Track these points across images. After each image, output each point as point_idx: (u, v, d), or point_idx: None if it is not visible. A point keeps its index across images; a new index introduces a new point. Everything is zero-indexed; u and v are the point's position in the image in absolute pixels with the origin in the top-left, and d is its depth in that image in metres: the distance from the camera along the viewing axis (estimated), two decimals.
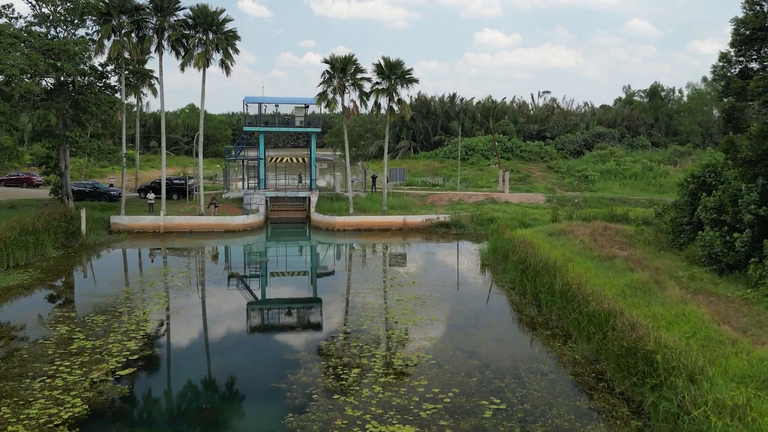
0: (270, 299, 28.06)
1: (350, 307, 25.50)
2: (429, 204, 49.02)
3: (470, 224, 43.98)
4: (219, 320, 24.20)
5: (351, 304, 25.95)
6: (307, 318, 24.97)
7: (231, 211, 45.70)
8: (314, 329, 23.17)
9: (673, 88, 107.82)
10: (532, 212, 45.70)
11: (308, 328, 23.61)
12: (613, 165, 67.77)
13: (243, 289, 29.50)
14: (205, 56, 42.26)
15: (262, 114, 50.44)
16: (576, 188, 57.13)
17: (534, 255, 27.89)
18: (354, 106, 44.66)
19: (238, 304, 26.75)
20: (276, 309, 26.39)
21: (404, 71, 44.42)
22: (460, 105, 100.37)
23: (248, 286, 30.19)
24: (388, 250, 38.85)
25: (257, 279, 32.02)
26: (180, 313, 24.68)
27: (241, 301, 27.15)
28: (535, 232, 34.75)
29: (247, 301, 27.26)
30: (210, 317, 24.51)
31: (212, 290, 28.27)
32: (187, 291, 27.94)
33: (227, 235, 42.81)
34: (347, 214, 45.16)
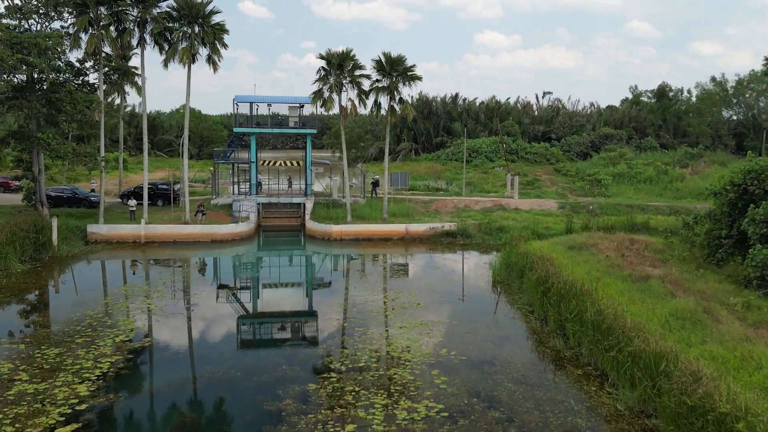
0: (258, 335, 24.44)
1: (346, 336, 21.87)
2: (433, 211, 45.41)
3: (478, 233, 40.36)
4: (193, 356, 20.60)
5: (347, 332, 22.32)
6: (296, 353, 21.32)
7: (220, 219, 42.10)
8: (303, 367, 19.54)
9: (681, 89, 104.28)
10: (545, 220, 42.09)
11: (296, 365, 19.98)
12: (624, 168, 64.16)
13: (225, 319, 25.87)
14: (189, 51, 38.68)
15: (254, 114, 46.85)
16: (588, 193, 53.54)
17: (556, 274, 24.27)
18: (352, 105, 41.07)
19: (219, 334, 23.13)
20: (263, 347, 22.76)
21: (406, 68, 40.83)
22: (462, 105, 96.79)
23: (238, 303, 26.58)
24: (388, 263, 35.23)
25: (244, 305, 28.40)
26: (148, 345, 21.05)
27: (224, 332, 23.52)
28: (552, 245, 31.13)
29: (235, 324, 23.66)
30: (179, 351, 20.90)
31: (185, 316, 24.66)
32: (160, 316, 24.30)
33: (214, 246, 39.20)
34: (345, 222, 41.57)
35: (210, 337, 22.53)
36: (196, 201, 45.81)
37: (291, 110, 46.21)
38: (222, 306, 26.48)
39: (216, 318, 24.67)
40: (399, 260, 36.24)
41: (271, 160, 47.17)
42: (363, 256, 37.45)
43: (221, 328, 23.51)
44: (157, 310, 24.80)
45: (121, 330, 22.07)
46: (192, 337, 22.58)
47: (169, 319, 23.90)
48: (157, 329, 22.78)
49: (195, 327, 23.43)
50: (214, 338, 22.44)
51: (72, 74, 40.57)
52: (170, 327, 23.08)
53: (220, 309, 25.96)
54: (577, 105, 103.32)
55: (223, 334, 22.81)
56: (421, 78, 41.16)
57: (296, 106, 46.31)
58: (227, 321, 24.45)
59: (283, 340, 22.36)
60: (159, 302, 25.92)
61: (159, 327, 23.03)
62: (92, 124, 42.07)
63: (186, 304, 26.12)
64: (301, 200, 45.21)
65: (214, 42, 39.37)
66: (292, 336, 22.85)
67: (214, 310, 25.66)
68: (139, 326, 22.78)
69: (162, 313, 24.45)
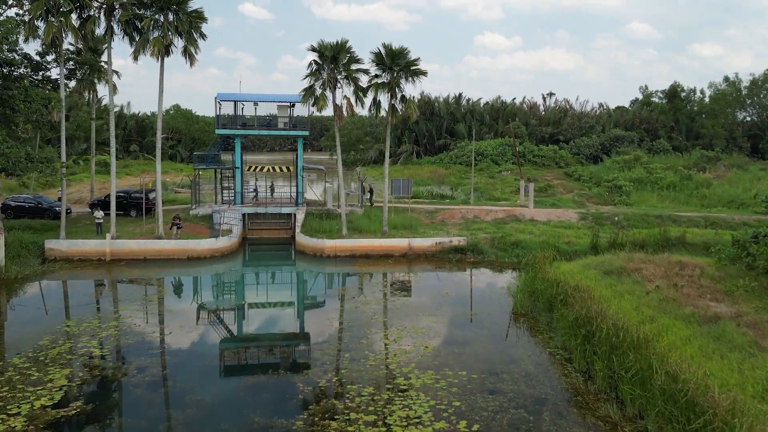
0: (229, 401, 19.29)
1: (336, 401, 16.70)
2: (438, 222, 40.24)
3: (490, 249, 35.20)
4: (168, 392, 15.45)
5: (340, 397, 17.15)
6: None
7: (199, 232, 36.93)
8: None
9: (693, 89, 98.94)
10: (566, 234, 36.94)
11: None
12: (642, 173, 59.01)
13: (195, 376, 20.71)
14: (162, 42, 33.53)
15: (239, 114, 41.68)
16: (608, 201, 48.38)
17: (600, 314, 19.12)
18: (347, 104, 35.88)
19: (187, 388, 17.98)
20: (238, 414, 17.60)
21: (409, 62, 35.68)
22: (466, 106, 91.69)
23: (221, 326, 21.44)
24: (389, 287, 30.02)
25: (228, 328, 23.22)
26: (79, 411, 15.89)
27: (195, 385, 18.38)
28: (583, 269, 25.98)
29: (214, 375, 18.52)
30: (150, 388, 15.75)
31: (153, 351, 19.50)
32: (104, 365, 19.16)
33: (191, 264, 34.04)
34: (340, 235, 36.42)
35: (188, 369, 17.40)
36: (175, 211, 40.65)
37: (280, 110, 41.05)
38: (200, 333, 21.34)
39: (178, 377, 19.50)
40: (401, 283, 31.07)
41: (258, 166, 42.07)
42: (360, 276, 32.29)
43: (193, 382, 18.35)
44: (111, 345, 19.66)
45: (46, 390, 16.90)
46: (166, 368, 17.53)
47: (133, 357, 18.75)
48: (93, 394, 17.62)
49: (172, 356, 18.31)
50: (184, 388, 17.29)
51: (30, 68, 35.50)
52: (112, 389, 17.91)
53: (197, 338, 20.81)
54: (585, 105, 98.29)
55: (194, 391, 17.65)
56: (425, 73, 36.04)
57: (286, 105, 41.15)
58: (201, 377, 19.30)
59: (259, 415, 17.22)
60: (112, 339, 20.78)
61: (100, 394, 17.86)
62: (53, 125, 36.85)
63: (160, 334, 20.96)
64: (291, 210, 40.06)
65: (190, 31, 34.24)
66: (270, 415, 17.68)
67: (189, 338, 20.50)
68: (77, 378, 17.61)
69: (106, 363, 19.29)
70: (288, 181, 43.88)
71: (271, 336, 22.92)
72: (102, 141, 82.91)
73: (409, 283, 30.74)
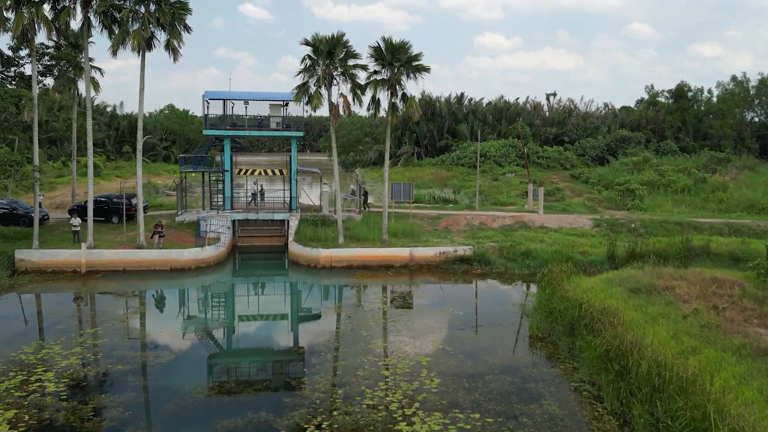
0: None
1: None
2: (442, 229, 37.37)
3: (499, 259, 32.34)
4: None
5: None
6: None
7: (185, 240, 34.06)
8: None
9: (701, 88, 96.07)
10: (580, 243, 34.08)
11: None
12: (654, 176, 56.13)
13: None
14: (142, 34, 30.67)
15: (228, 114, 38.78)
16: (620, 206, 45.50)
17: (635, 344, 16.26)
18: (344, 102, 32.99)
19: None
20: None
21: (411, 56, 32.82)
22: (468, 106, 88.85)
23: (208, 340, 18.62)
24: (389, 303, 27.12)
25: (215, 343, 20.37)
26: None
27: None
28: (606, 285, 23.14)
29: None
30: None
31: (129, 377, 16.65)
32: (57, 407, 16.30)
33: (174, 275, 31.21)
34: (336, 244, 33.57)
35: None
36: (160, 217, 37.82)
37: (273, 109, 38.13)
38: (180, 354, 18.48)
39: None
40: (402, 298, 28.21)
41: (249, 168, 39.18)
42: (357, 290, 29.45)
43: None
44: (71, 378, 16.79)
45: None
46: (134, 411, 14.73)
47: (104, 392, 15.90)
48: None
49: (144, 393, 15.49)
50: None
51: (1, 64, 32.70)
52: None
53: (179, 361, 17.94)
54: (590, 105, 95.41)
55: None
56: (428, 69, 33.16)
57: (279, 104, 38.25)
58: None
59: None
60: (73, 371, 17.89)
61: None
62: (26, 125, 34.02)
63: (132, 363, 18.10)
64: (284, 216, 37.18)
65: (173, 23, 31.37)
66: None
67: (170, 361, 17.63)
68: (22, 424, 14.75)
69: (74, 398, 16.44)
70: (282, 184, 40.83)
71: (259, 369, 20.06)
72: (94, 142, 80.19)
73: (411, 299, 27.86)
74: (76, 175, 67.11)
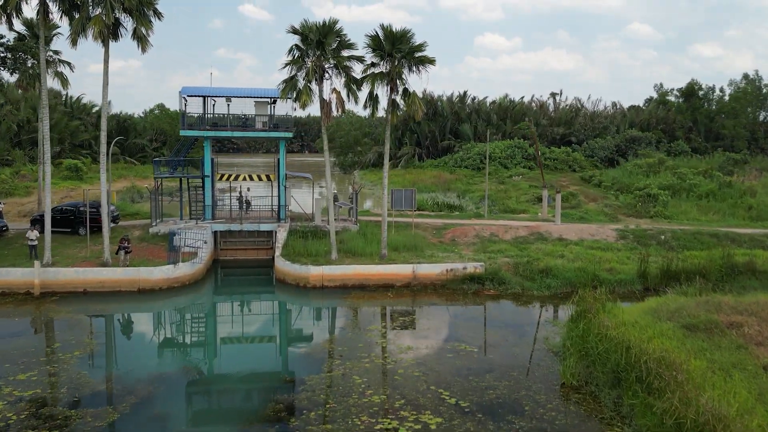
0: None
1: None
2: (449, 241, 33.05)
3: (514, 278, 28.03)
4: None
5: None
6: None
7: (158, 256, 29.72)
8: None
9: (712, 87, 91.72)
10: (605, 258, 29.75)
11: None
12: (673, 179, 51.77)
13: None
14: (104, 21, 26.34)
15: (209, 113, 34.40)
16: (641, 212, 41.16)
17: (719, 418, 11.99)
18: (338, 98, 28.59)
19: None
20: None
21: (413, 47, 28.53)
22: (471, 105, 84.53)
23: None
24: (388, 333, 22.78)
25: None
26: None
27: None
28: (653, 319, 18.85)
29: None
30: None
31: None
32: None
33: (142, 298, 26.93)
34: (328, 260, 29.27)
35: None
36: (133, 229, 33.58)
37: (258, 107, 33.81)
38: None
39: None
40: (403, 328, 23.89)
41: (232, 174, 34.94)
42: (352, 316, 25.15)
43: None
44: None
45: None
46: None
47: None
48: None
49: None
50: None
51: None
52: None
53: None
54: (597, 105, 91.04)
55: None
56: (433, 61, 28.86)
57: (265, 102, 33.91)
58: None
59: None
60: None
61: None
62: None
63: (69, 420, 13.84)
64: (271, 227, 32.87)
65: (140, 8, 27.09)
66: None
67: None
68: None
69: None
70: (270, 190, 36.40)
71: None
72: (80, 143, 75.90)
73: (414, 328, 23.52)
74: (59, 179, 63.27)
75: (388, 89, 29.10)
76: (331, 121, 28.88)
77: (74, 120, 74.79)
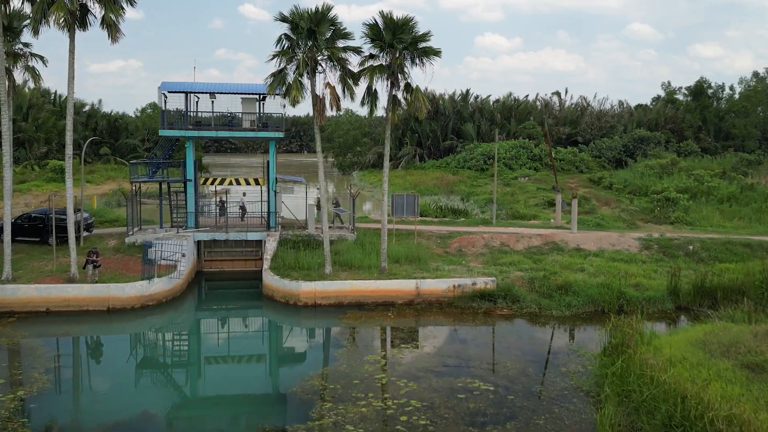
0: None
1: None
2: (455, 252, 29.85)
3: (530, 294, 24.84)
4: None
5: None
6: None
7: (132, 270, 26.52)
8: None
9: (722, 85, 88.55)
10: (629, 271, 26.54)
11: None
12: (689, 181, 48.65)
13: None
14: (67, 6, 23.14)
15: (192, 110, 31.16)
16: (659, 218, 37.98)
17: None
18: (332, 94, 25.36)
19: None
20: None
21: (416, 36, 25.34)
22: (474, 104, 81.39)
23: None
24: (386, 368, 19.56)
25: None
26: None
27: None
28: (705, 354, 15.72)
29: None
30: None
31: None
32: None
33: (114, 318, 23.77)
34: (322, 274, 26.09)
35: None
36: (111, 237, 30.40)
37: (246, 104, 30.60)
38: None
39: None
40: (407, 357, 20.68)
41: (218, 178, 31.80)
42: (347, 341, 21.97)
43: None
44: None
45: None
46: None
47: None
48: None
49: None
50: None
51: None
52: None
53: None
54: (604, 103, 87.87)
55: None
56: (439, 53, 25.65)
57: (253, 99, 30.68)
58: None
59: None
60: None
61: None
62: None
63: None
64: (260, 236, 29.68)
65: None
66: None
67: None
68: None
69: None
70: (258, 195, 33.07)
71: None
72: (64, 143, 72.54)
73: (419, 358, 20.33)
74: (42, 181, 60.03)
75: (389, 84, 25.88)
76: (324, 119, 25.63)
77: (63, 119, 71.47)
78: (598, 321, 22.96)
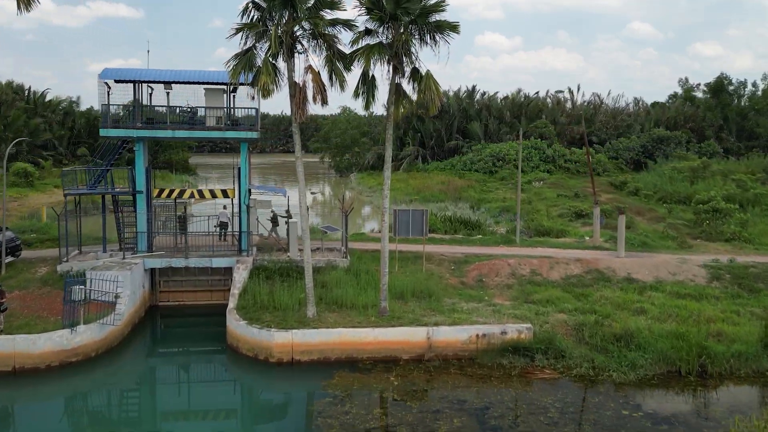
0: None
1: None
2: (474, 282, 23.35)
3: (578, 348, 18.42)
4: None
5: None
6: None
7: (58, 312, 20.01)
8: None
9: (744, 82, 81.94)
10: (703, 313, 20.07)
11: None
12: (732, 188, 42.24)
13: None
14: None
15: (142, 104, 24.60)
16: (709, 233, 31.52)
17: None
18: (315, 81, 18.86)
19: None
20: None
21: (427, 6, 18.87)
22: (481, 101, 74.93)
23: None
24: None
25: None
26: None
27: None
28: None
29: None
30: None
31: None
32: None
33: (21, 382, 17.37)
34: (302, 317, 19.63)
35: None
36: (44, 263, 23.95)
37: (211, 96, 24.05)
38: None
39: None
40: None
41: (175, 189, 25.34)
42: (330, 425, 15.54)
43: None
44: None
45: None
46: None
47: None
48: None
49: None
50: None
51: None
52: None
53: None
54: (618, 101, 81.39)
55: None
56: (456, 27, 19.18)
57: (219, 90, 24.05)
58: None
59: None
60: None
61: None
62: None
63: None
64: (228, 262, 23.19)
65: None
66: None
67: None
68: None
69: None
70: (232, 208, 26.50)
71: None
72: (43, 144, 66.04)
73: None
74: (6, 187, 53.58)
75: (390, 69, 19.38)
76: (305, 115, 19.05)
77: (35, 117, 65.00)
78: (674, 387, 16.61)
